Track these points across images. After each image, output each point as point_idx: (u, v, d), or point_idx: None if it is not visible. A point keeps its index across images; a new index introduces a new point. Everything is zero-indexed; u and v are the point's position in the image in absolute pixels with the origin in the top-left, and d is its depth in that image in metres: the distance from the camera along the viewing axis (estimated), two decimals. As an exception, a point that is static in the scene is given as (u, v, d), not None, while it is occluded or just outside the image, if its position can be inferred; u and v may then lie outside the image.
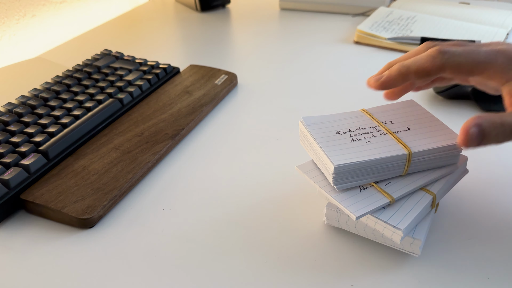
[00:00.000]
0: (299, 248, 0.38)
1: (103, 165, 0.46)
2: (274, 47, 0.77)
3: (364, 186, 0.36)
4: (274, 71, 0.69)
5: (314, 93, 0.62)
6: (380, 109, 0.42)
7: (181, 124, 0.53)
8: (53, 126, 0.50)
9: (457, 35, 0.76)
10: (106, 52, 0.67)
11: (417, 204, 0.35)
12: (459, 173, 0.39)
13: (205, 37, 0.81)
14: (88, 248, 0.39)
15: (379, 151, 0.36)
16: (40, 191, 0.43)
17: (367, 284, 0.35)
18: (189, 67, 0.66)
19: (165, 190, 0.45)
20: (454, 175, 0.38)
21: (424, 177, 0.37)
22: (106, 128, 0.52)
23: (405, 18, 0.83)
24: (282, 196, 0.44)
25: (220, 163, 0.49)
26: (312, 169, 0.39)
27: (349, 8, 0.90)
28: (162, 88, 0.61)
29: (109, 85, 0.58)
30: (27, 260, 0.38)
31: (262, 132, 0.54)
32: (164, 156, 0.50)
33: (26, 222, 0.42)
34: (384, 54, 0.73)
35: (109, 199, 0.42)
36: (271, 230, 0.40)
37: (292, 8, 0.93)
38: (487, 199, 0.42)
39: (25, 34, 0.77)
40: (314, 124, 0.39)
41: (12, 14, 0.73)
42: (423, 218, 0.36)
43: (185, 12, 0.92)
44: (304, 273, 0.36)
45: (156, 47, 0.77)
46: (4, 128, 0.49)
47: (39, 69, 0.69)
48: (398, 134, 0.38)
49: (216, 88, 0.61)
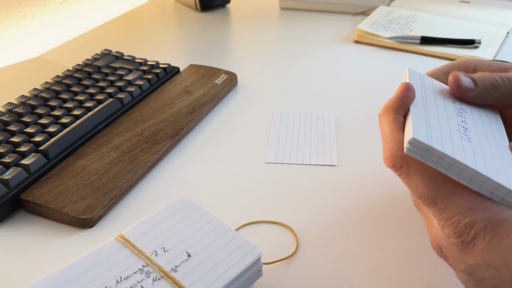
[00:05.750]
0: (299, 248, 0.38)
1: (103, 165, 0.46)
2: (274, 46, 0.77)
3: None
4: (274, 70, 0.69)
5: (314, 93, 0.62)
6: (144, 226, 0.31)
7: (181, 124, 0.53)
8: (53, 126, 0.50)
9: (457, 34, 0.76)
10: (106, 52, 0.67)
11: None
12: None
13: (205, 37, 0.81)
14: (88, 248, 0.39)
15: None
16: (40, 191, 0.43)
17: (367, 284, 0.35)
18: (189, 67, 0.66)
19: (165, 190, 0.45)
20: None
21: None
22: (106, 128, 0.52)
23: (405, 17, 0.83)
24: (281, 195, 0.44)
25: (220, 163, 0.49)
26: None
27: (349, 7, 0.90)
28: (162, 87, 0.60)
29: (109, 85, 0.58)
30: (27, 260, 0.38)
31: (262, 131, 0.54)
32: (164, 155, 0.50)
33: (26, 222, 0.42)
34: (384, 53, 0.73)
35: (109, 199, 0.42)
36: (271, 230, 0.40)
37: (292, 8, 0.93)
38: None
39: (25, 34, 0.77)
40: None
41: (12, 15, 0.73)
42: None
43: (185, 12, 0.92)
44: (304, 272, 0.36)
45: (156, 47, 0.77)
46: (4, 128, 0.49)
47: (39, 69, 0.69)
48: (177, 271, 0.27)
49: (216, 87, 0.61)
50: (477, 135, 0.31)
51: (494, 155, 0.30)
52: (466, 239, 0.27)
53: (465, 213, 0.27)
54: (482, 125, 0.33)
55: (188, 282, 0.27)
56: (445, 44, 0.72)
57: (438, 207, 0.28)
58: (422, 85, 0.34)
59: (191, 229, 0.31)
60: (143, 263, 0.28)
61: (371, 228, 0.40)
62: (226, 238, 0.31)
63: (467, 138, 0.30)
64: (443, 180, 0.28)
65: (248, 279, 0.30)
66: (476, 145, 0.30)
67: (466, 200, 0.28)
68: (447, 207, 0.28)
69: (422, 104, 0.32)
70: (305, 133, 0.53)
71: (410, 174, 0.29)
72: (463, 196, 0.28)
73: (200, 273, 0.28)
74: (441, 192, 0.28)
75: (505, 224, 0.26)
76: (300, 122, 0.55)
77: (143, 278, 0.27)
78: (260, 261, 0.31)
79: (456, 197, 0.28)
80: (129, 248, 0.29)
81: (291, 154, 0.50)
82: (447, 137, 0.29)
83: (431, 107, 0.32)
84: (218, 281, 0.28)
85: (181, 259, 0.29)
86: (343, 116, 0.56)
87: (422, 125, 0.29)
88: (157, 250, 0.29)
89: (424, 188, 0.29)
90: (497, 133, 0.33)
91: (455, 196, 0.28)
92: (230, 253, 0.30)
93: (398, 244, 0.38)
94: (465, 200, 0.28)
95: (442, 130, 0.30)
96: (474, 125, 0.32)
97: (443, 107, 0.33)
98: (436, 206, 0.28)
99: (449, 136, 0.29)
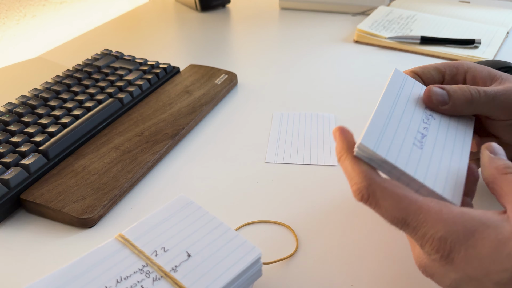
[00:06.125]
0: (299, 248, 0.38)
1: (103, 164, 0.46)
2: (274, 46, 0.77)
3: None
4: (274, 70, 0.69)
5: (314, 93, 0.62)
6: (144, 226, 0.31)
7: (181, 124, 0.53)
8: (53, 126, 0.50)
9: (457, 34, 0.76)
10: (106, 52, 0.67)
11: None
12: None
13: (205, 37, 0.81)
14: (88, 248, 0.39)
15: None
16: (40, 191, 0.43)
17: (367, 284, 0.35)
18: (189, 67, 0.66)
19: (165, 190, 0.45)
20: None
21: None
22: (106, 128, 0.52)
23: (405, 17, 0.83)
24: (281, 195, 0.44)
25: (220, 163, 0.49)
26: None
27: (349, 7, 0.90)
28: (162, 87, 0.60)
29: (109, 84, 0.58)
30: (27, 260, 0.38)
31: (262, 131, 0.54)
32: (164, 155, 0.50)
33: (26, 222, 0.42)
34: (384, 53, 0.73)
35: (109, 198, 0.42)
36: (271, 229, 0.40)
37: (292, 8, 0.93)
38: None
39: (25, 34, 0.77)
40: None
41: (12, 15, 0.73)
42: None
43: (185, 12, 0.92)
44: (304, 272, 0.36)
45: (156, 47, 0.77)
46: (4, 128, 0.49)
47: (39, 69, 0.69)
48: (177, 271, 0.27)
49: (216, 87, 0.61)
50: (433, 143, 0.33)
51: (442, 163, 0.32)
52: (444, 254, 0.27)
53: (436, 227, 0.27)
54: (445, 133, 0.34)
55: (188, 282, 0.27)
56: (445, 44, 0.72)
57: (410, 227, 0.28)
58: (401, 88, 0.36)
59: (191, 229, 0.31)
60: (143, 263, 0.28)
61: (371, 228, 0.40)
62: (226, 238, 0.31)
63: (419, 146, 0.32)
64: (408, 200, 0.29)
65: (248, 279, 0.30)
66: (426, 152, 0.32)
67: (434, 213, 0.28)
68: (418, 225, 0.28)
69: (389, 109, 0.33)
70: (305, 133, 0.53)
71: (377, 201, 0.29)
72: (429, 210, 0.28)
73: (200, 273, 0.28)
74: (409, 211, 0.28)
75: (477, 234, 0.26)
76: (300, 122, 0.55)
77: (143, 278, 0.27)
78: (260, 261, 0.31)
79: (424, 212, 0.28)
80: (129, 248, 0.29)
81: (291, 154, 0.50)
82: (397, 143, 0.31)
83: (397, 112, 0.34)
84: (218, 281, 0.28)
85: (181, 259, 0.29)
86: (343, 116, 0.56)
87: (375, 131, 0.31)
88: (157, 250, 0.29)
89: (393, 212, 0.29)
90: (459, 142, 0.34)
91: (423, 212, 0.28)
92: (230, 253, 0.30)
93: (398, 244, 0.38)
94: (433, 213, 0.28)
95: (396, 136, 0.32)
96: (436, 132, 0.34)
97: (410, 113, 0.34)
98: (409, 226, 0.28)
99: (400, 142, 0.31)
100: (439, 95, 0.35)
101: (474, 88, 0.36)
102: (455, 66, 0.39)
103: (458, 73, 0.39)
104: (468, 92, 0.35)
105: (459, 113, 0.36)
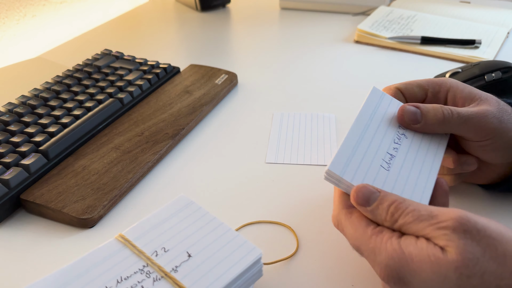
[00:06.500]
0: (299, 248, 0.38)
1: (103, 165, 0.46)
2: (274, 46, 0.77)
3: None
4: (274, 70, 0.69)
5: (314, 93, 0.62)
6: (145, 226, 0.31)
7: (181, 124, 0.53)
8: (53, 126, 0.50)
9: (458, 34, 0.76)
10: (106, 52, 0.66)
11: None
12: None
13: (205, 37, 0.81)
14: (88, 248, 0.39)
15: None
16: (40, 191, 0.43)
17: (367, 284, 0.35)
18: (189, 67, 0.66)
19: (165, 190, 0.45)
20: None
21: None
22: (106, 128, 0.52)
23: (406, 17, 0.83)
24: (282, 195, 0.44)
25: (220, 163, 0.49)
26: None
27: (349, 8, 0.90)
28: (162, 87, 0.60)
29: (109, 85, 0.58)
30: (27, 260, 0.38)
31: (262, 131, 0.54)
32: (164, 156, 0.50)
33: (26, 222, 0.42)
34: (384, 53, 0.73)
35: (109, 199, 0.42)
36: (271, 230, 0.40)
37: (292, 8, 0.93)
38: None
39: (25, 34, 0.77)
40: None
41: (12, 15, 0.73)
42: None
43: (185, 12, 0.92)
44: (305, 273, 0.36)
45: (156, 47, 0.77)
46: (4, 128, 0.49)
47: (39, 69, 0.69)
48: (177, 271, 0.27)
49: (216, 87, 0.61)
50: (401, 163, 0.34)
51: (408, 182, 0.33)
52: (395, 280, 0.28)
53: (381, 255, 0.28)
54: (415, 151, 0.35)
55: (188, 282, 0.27)
56: (446, 44, 0.72)
57: (364, 255, 0.30)
58: (376, 108, 0.37)
59: (192, 229, 0.31)
60: (144, 263, 0.28)
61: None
62: (227, 238, 0.31)
63: (387, 167, 0.33)
64: (362, 229, 0.30)
65: (248, 279, 0.30)
66: (393, 173, 0.33)
67: (379, 242, 0.29)
68: (369, 254, 0.29)
69: (361, 131, 0.35)
70: (305, 133, 0.53)
71: (343, 229, 0.32)
72: (376, 240, 0.29)
73: (200, 273, 0.28)
74: (362, 240, 0.30)
75: (412, 264, 0.27)
76: (300, 122, 0.55)
77: (144, 278, 0.27)
78: (260, 261, 0.31)
79: (372, 242, 0.29)
80: (130, 248, 0.29)
81: (291, 154, 0.50)
82: (364, 167, 0.33)
83: (369, 133, 0.35)
84: (218, 281, 0.27)
85: (182, 259, 0.29)
86: (343, 116, 0.56)
87: (343, 158, 0.33)
88: (158, 250, 0.29)
89: (351, 240, 0.31)
90: (429, 159, 0.35)
91: (372, 242, 0.29)
92: (230, 253, 0.30)
93: (399, 244, 0.38)
94: (379, 243, 0.29)
95: (364, 160, 0.33)
96: (406, 152, 0.35)
97: (382, 133, 0.36)
98: (363, 254, 0.30)
99: (367, 166, 0.33)
100: (412, 113, 0.36)
101: (448, 109, 0.36)
102: (438, 83, 0.39)
103: (440, 90, 0.39)
104: (440, 112, 0.36)
105: (431, 132, 0.37)
